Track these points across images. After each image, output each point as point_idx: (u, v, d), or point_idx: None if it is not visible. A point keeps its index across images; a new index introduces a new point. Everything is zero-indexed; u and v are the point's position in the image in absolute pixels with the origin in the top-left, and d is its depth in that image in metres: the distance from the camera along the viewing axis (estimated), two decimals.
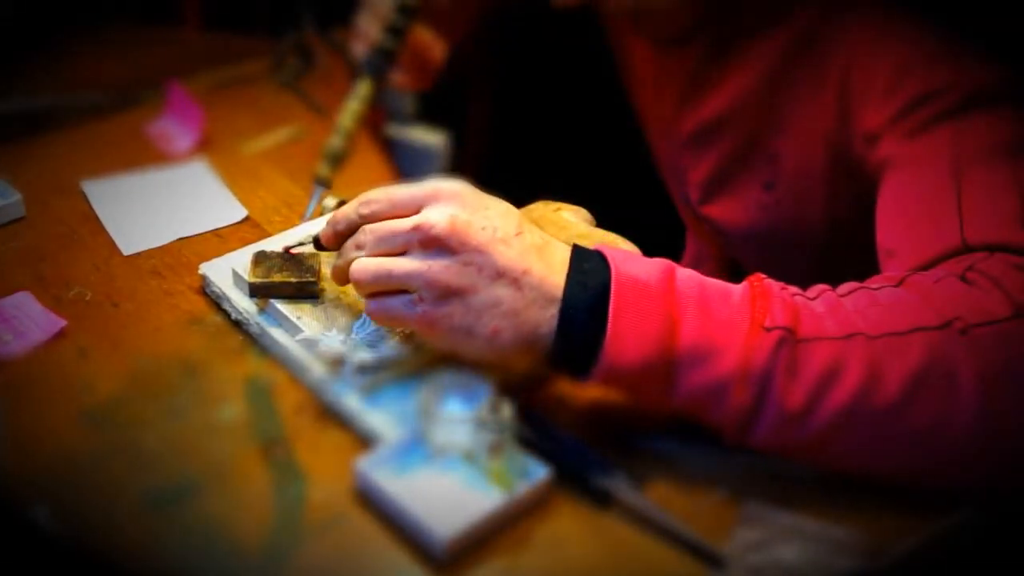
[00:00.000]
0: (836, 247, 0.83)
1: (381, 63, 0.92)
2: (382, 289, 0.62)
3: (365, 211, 0.64)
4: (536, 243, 0.61)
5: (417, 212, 0.61)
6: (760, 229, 0.86)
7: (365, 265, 0.62)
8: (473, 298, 0.59)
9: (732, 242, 0.90)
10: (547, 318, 0.59)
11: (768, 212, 0.85)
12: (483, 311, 0.59)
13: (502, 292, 0.59)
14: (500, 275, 0.59)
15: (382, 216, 0.63)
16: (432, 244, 0.60)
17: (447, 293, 0.60)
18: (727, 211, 0.88)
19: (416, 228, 0.60)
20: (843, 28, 0.76)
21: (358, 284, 0.63)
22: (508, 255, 0.60)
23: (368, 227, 0.63)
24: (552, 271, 0.60)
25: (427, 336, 0.62)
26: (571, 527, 0.59)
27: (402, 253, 0.62)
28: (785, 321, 0.58)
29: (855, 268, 0.66)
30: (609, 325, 0.58)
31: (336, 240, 0.66)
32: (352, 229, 0.65)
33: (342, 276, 0.66)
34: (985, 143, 0.68)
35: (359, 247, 0.63)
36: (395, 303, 0.62)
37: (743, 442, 0.59)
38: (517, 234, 0.61)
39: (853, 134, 0.75)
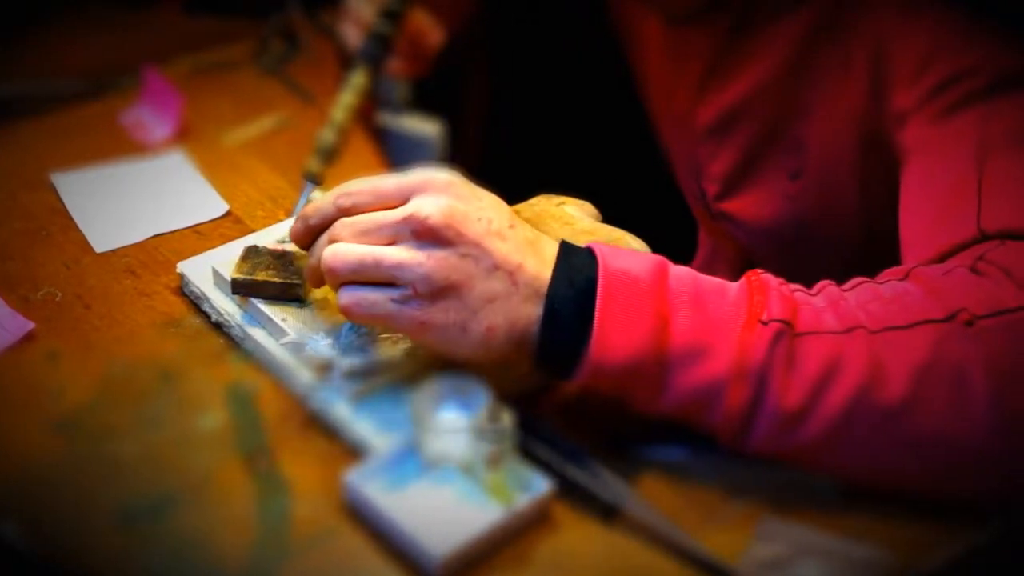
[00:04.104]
0: (867, 243, 0.83)
1: (377, 50, 0.92)
2: (362, 280, 0.61)
3: (345, 203, 0.62)
4: (529, 237, 0.61)
5: (403, 203, 0.61)
6: (786, 224, 0.86)
7: (347, 251, 0.61)
8: (469, 293, 0.59)
9: (754, 240, 0.90)
10: (537, 315, 0.59)
11: (794, 203, 0.85)
12: (479, 307, 0.59)
13: (498, 287, 0.59)
14: (496, 268, 0.59)
15: (364, 209, 0.62)
16: (426, 235, 0.59)
17: (444, 287, 0.59)
18: (749, 205, 0.88)
19: (408, 218, 0.59)
20: (872, 3, 0.76)
21: (334, 273, 0.61)
22: (504, 248, 0.60)
23: (346, 220, 0.62)
24: (545, 266, 0.60)
25: (413, 334, 0.61)
26: (575, 543, 0.59)
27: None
28: (782, 314, 0.58)
29: (888, 267, 0.66)
30: (595, 321, 0.58)
31: (308, 237, 0.65)
32: (327, 224, 0.63)
33: (316, 277, 0.64)
34: (1013, 127, 0.68)
35: (334, 243, 0.62)
36: (379, 296, 0.60)
37: (740, 447, 0.60)
38: (511, 227, 0.61)
39: (885, 114, 0.75)
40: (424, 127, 1.23)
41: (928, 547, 0.58)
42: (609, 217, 0.77)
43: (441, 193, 0.60)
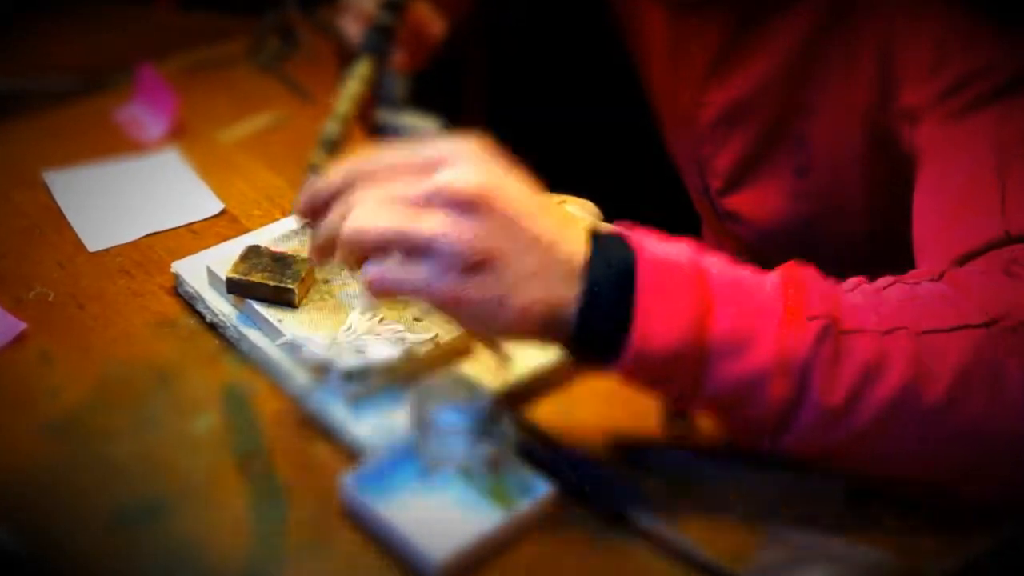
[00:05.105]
0: (873, 241, 0.83)
1: (380, 41, 0.92)
2: (386, 254, 0.57)
3: (365, 168, 0.59)
4: (564, 215, 0.59)
5: (429, 174, 0.57)
6: (791, 221, 0.86)
7: (373, 221, 0.57)
8: (506, 268, 0.56)
9: (757, 237, 0.90)
10: (574, 296, 0.57)
11: (800, 201, 0.84)
12: (516, 282, 0.56)
13: (534, 262, 0.56)
14: (535, 243, 0.56)
15: (385, 178, 0.58)
16: (461, 206, 0.56)
17: (480, 260, 0.56)
18: (754, 202, 0.88)
19: (441, 187, 0.56)
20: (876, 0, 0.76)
21: (358, 246, 0.57)
22: (542, 223, 0.57)
23: (367, 189, 0.58)
24: (580, 246, 0.57)
25: (446, 311, 0.58)
26: (576, 548, 0.59)
27: None
28: (826, 310, 0.57)
29: (896, 270, 0.65)
30: (638, 306, 0.56)
31: (318, 210, 0.61)
32: (340, 196, 0.59)
33: (323, 251, 0.60)
34: None
35: (353, 213, 0.57)
36: (409, 270, 0.57)
37: (778, 442, 0.58)
38: (545, 203, 0.58)
39: (893, 112, 0.75)
40: (423, 124, 1.22)
41: (935, 552, 0.58)
42: (609, 216, 0.77)
43: (475, 163, 0.57)
